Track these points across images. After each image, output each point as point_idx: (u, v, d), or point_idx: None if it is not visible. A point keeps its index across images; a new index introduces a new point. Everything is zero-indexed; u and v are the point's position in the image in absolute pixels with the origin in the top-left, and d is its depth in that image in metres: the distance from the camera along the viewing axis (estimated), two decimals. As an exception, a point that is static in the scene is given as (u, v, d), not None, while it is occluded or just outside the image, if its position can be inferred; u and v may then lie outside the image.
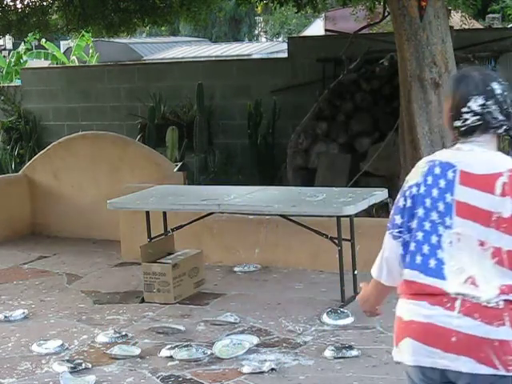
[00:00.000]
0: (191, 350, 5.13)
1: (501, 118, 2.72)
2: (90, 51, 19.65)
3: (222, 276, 6.99)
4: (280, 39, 31.83)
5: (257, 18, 36.82)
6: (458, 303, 2.63)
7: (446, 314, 2.64)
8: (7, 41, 29.07)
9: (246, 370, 4.82)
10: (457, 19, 14.40)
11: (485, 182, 2.66)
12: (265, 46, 23.53)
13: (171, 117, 11.14)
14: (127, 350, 5.22)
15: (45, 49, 20.00)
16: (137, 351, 5.20)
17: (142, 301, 6.34)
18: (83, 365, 4.99)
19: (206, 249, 6.99)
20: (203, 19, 11.34)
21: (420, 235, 2.74)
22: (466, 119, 2.73)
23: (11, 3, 10.41)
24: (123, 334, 5.52)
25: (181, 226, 6.69)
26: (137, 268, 7.18)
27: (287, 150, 9.48)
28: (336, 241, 5.95)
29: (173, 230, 6.70)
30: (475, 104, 2.71)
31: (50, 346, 5.34)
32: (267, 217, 7.01)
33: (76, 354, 5.25)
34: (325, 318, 5.65)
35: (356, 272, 6.17)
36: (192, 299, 6.35)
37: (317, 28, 23.29)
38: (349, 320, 5.61)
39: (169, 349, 5.18)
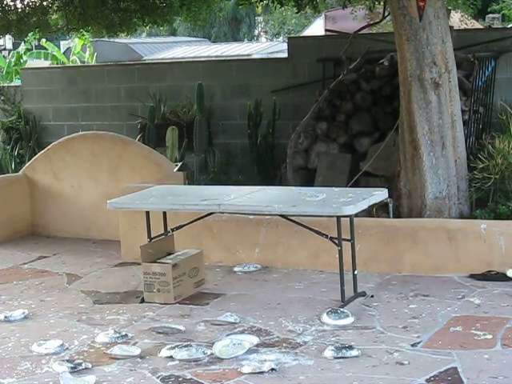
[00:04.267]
0: (191, 349, 5.13)
1: None
2: (88, 51, 19.65)
3: (221, 276, 6.99)
4: (280, 39, 31.82)
5: (257, 18, 36.83)
6: None
7: None
8: (7, 41, 29.09)
9: (245, 370, 4.82)
10: (457, 19, 14.41)
11: None
12: (265, 46, 23.51)
13: (171, 117, 11.13)
14: (127, 349, 5.23)
15: (45, 49, 20.01)
16: (137, 351, 5.21)
17: (142, 301, 6.34)
18: (83, 365, 5.00)
19: (206, 249, 6.99)
20: (203, 19, 11.34)
21: None
22: None
23: (11, 3, 10.40)
24: (123, 333, 5.52)
25: (181, 226, 6.69)
26: (137, 268, 7.19)
27: (287, 149, 9.47)
28: (336, 241, 5.95)
29: (173, 230, 6.70)
30: None
31: (50, 346, 5.34)
32: (267, 217, 7.01)
33: (76, 354, 5.25)
34: (325, 318, 5.65)
35: (356, 272, 6.17)
36: (192, 299, 6.35)
37: (317, 28, 23.28)
38: (349, 320, 5.61)
39: (169, 349, 5.19)
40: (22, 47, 19.18)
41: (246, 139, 10.56)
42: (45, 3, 10.45)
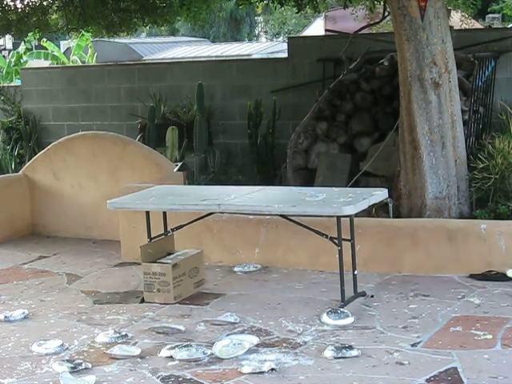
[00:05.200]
0: (191, 349, 5.13)
1: None
2: (90, 51, 19.65)
3: (222, 276, 6.99)
4: (280, 39, 31.83)
5: (257, 18, 36.83)
6: None
7: None
8: (7, 41, 29.08)
9: (245, 370, 4.82)
10: (457, 19, 14.40)
11: None
12: (265, 46, 23.52)
13: (171, 117, 11.14)
14: (127, 350, 5.23)
15: (45, 49, 20.01)
16: (137, 351, 5.20)
17: (142, 301, 6.34)
18: (83, 365, 5.00)
19: (206, 249, 6.99)
20: (203, 19, 11.34)
21: None
22: None
23: (11, 3, 10.40)
24: (123, 333, 5.52)
25: (181, 226, 6.69)
26: (137, 268, 7.19)
27: (287, 149, 9.47)
28: (336, 241, 5.95)
29: (173, 230, 6.70)
30: None
31: (50, 346, 5.34)
32: (267, 217, 7.01)
33: (76, 354, 5.25)
34: (325, 318, 5.65)
35: (356, 272, 6.17)
36: (192, 299, 6.35)
37: (317, 28, 23.28)
38: (349, 320, 5.61)
39: (169, 349, 5.19)
40: (22, 47, 19.17)
41: (246, 139, 10.56)
42: (45, 3, 10.45)
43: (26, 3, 10.35)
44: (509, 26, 17.72)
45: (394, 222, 7.07)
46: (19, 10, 10.33)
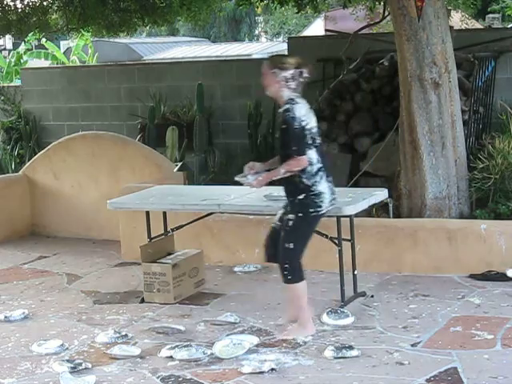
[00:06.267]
0: (191, 349, 5.13)
1: None
2: (90, 51, 19.66)
3: (222, 276, 6.99)
4: (280, 39, 31.83)
5: (257, 17, 36.83)
6: None
7: None
8: (7, 41, 29.08)
9: (245, 370, 4.82)
10: (457, 19, 14.41)
11: None
12: (265, 46, 23.53)
13: (171, 117, 11.13)
14: (127, 350, 5.23)
15: (45, 49, 20.00)
16: (137, 351, 5.21)
17: (142, 301, 6.34)
18: (83, 365, 5.00)
19: (206, 249, 6.99)
20: (203, 19, 11.34)
21: None
22: None
23: (11, 3, 10.40)
24: (123, 334, 5.53)
25: (181, 226, 6.69)
26: (137, 268, 7.19)
27: (287, 150, 9.45)
28: (336, 241, 5.95)
29: (173, 229, 6.70)
30: None
31: (50, 346, 5.35)
32: (267, 217, 7.00)
33: (76, 354, 5.26)
34: (325, 318, 5.65)
35: (356, 272, 6.17)
36: (192, 299, 6.35)
37: (317, 28, 23.28)
38: (349, 320, 5.61)
39: (169, 349, 5.19)
40: (22, 47, 19.17)
41: (246, 139, 10.56)
42: (45, 3, 10.44)
43: (26, 3, 10.35)
44: (509, 25, 17.72)
45: (394, 221, 7.07)
46: (19, 10, 10.33)
